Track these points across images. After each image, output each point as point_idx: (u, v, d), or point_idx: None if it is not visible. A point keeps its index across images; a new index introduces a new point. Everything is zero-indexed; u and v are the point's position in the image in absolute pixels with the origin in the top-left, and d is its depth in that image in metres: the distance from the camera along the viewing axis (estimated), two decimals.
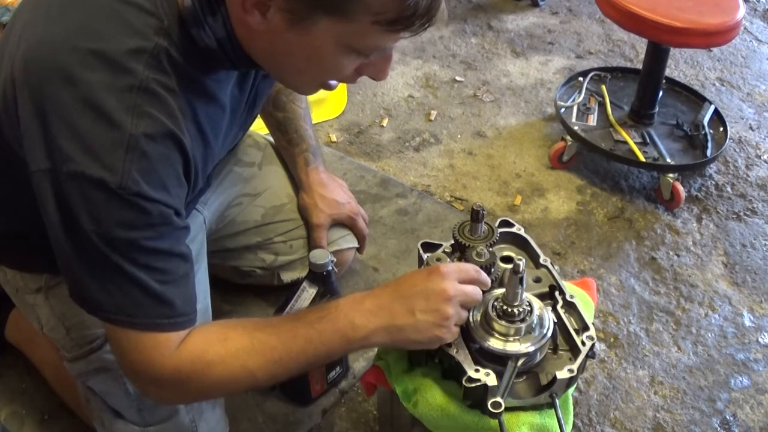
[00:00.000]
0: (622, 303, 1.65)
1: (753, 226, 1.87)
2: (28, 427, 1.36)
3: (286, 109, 1.40)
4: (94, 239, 0.81)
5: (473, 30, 2.65)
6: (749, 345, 1.57)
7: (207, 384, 0.92)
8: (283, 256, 1.46)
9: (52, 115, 0.80)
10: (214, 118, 0.94)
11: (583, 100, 2.07)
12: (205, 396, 1.05)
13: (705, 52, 2.55)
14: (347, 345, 0.94)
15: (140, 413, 1.14)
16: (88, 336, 1.13)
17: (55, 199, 0.82)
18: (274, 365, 0.92)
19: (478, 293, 0.97)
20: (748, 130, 2.20)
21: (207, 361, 0.90)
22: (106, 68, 0.79)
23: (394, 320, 0.92)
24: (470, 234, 1.08)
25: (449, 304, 0.92)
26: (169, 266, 0.87)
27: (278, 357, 0.92)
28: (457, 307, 0.94)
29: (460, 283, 0.95)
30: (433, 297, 0.92)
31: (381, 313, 0.93)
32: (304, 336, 0.92)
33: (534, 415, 0.99)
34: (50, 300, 1.14)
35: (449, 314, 0.92)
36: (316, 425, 1.36)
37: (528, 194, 1.94)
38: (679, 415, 1.43)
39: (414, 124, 2.18)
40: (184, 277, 0.90)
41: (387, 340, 0.94)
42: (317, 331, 0.92)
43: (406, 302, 0.93)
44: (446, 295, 0.92)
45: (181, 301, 0.89)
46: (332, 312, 0.93)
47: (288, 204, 1.46)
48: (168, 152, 0.84)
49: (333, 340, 0.93)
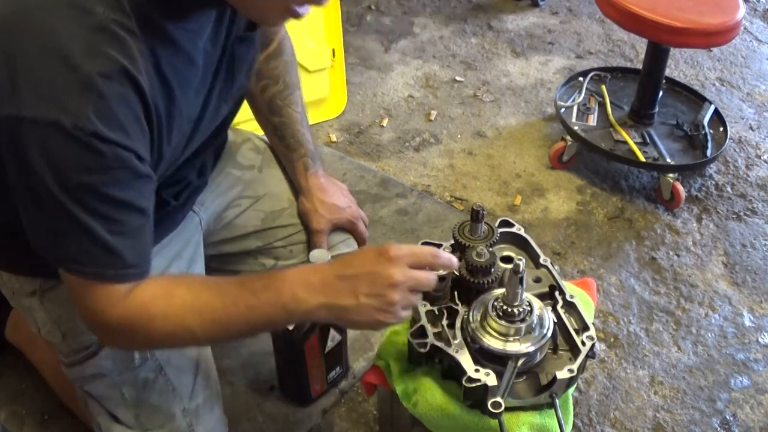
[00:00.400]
0: (622, 303, 1.65)
1: (753, 226, 1.87)
2: (28, 427, 1.36)
3: (282, 114, 1.40)
4: (49, 184, 0.81)
5: (473, 30, 2.65)
6: (749, 345, 1.57)
7: (150, 336, 0.93)
8: (283, 261, 1.45)
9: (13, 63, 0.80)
10: (182, 71, 0.93)
11: (583, 100, 2.07)
12: (152, 346, 1.04)
13: (705, 52, 2.55)
14: (288, 317, 0.93)
15: (137, 418, 1.14)
16: (84, 341, 1.12)
17: (13, 146, 0.82)
18: (214, 326, 0.92)
19: (431, 279, 0.94)
20: (748, 130, 2.20)
21: (151, 314, 0.90)
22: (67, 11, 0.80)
23: (337, 300, 0.91)
24: (470, 234, 1.08)
25: (395, 291, 0.90)
26: (122, 217, 0.87)
27: (219, 319, 0.92)
28: (405, 293, 0.91)
29: (412, 267, 0.92)
30: (378, 281, 0.90)
31: (325, 290, 0.91)
32: (246, 303, 0.91)
33: (534, 415, 0.99)
34: (45, 303, 1.14)
35: (394, 300, 0.90)
36: (316, 425, 1.36)
37: (528, 194, 1.94)
38: (679, 415, 1.43)
39: (414, 124, 2.18)
40: (138, 230, 0.89)
41: (329, 318, 0.93)
42: (260, 300, 0.91)
43: (352, 283, 0.91)
44: (392, 281, 0.90)
45: (131, 253, 0.89)
46: (277, 283, 0.92)
47: (288, 209, 1.45)
48: (125, 92, 0.82)
49: (275, 311, 0.92)
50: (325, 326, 1.27)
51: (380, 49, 2.51)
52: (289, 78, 1.38)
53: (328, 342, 1.31)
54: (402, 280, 0.91)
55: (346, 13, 2.65)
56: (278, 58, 1.35)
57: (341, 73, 2.17)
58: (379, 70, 2.41)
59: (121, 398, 1.13)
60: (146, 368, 1.14)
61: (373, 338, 1.51)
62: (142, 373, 1.14)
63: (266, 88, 1.37)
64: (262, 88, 1.37)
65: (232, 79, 1.10)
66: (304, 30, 2.00)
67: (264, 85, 1.37)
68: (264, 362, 1.45)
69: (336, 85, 2.18)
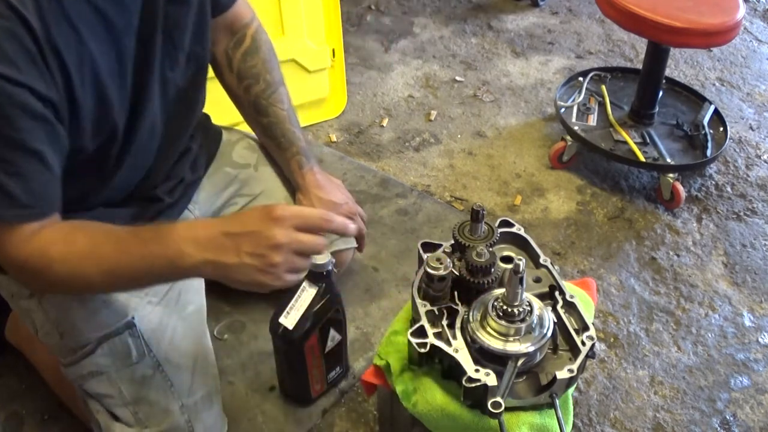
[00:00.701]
0: (622, 303, 1.65)
1: (753, 226, 1.87)
2: (28, 428, 1.36)
3: (268, 114, 1.39)
4: None
5: (473, 30, 2.65)
6: (749, 345, 1.57)
7: (50, 279, 0.94)
8: None
9: None
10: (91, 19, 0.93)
11: (583, 100, 2.07)
12: (53, 289, 1.04)
13: (705, 52, 2.55)
14: (174, 271, 0.92)
15: (136, 415, 1.14)
16: (81, 341, 1.13)
17: None
18: (108, 274, 0.93)
19: (317, 243, 0.93)
20: (748, 130, 2.20)
21: (50, 258, 0.91)
22: None
23: (220, 257, 0.90)
24: (470, 234, 1.08)
25: (278, 252, 0.89)
26: (13, 157, 0.87)
27: (112, 268, 0.92)
28: (289, 255, 0.90)
29: (300, 230, 0.91)
30: (261, 242, 0.89)
31: (210, 246, 0.90)
32: (137, 253, 0.92)
33: (534, 415, 0.99)
34: (44, 305, 1.14)
35: (275, 262, 0.89)
36: (316, 425, 1.36)
37: (528, 194, 1.94)
38: (679, 415, 1.43)
39: (414, 124, 2.18)
40: (34, 173, 0.89)
41: (213, 275, 0.92)
42: (149, 251, 0.91)
43: (236, 241, 0.90)
44: (275, 242, 0.89)
45: (25, 194, 0.89)
46: (165, 235, 0.92)
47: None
48: (12, 27, 0.83)
49: (162, 264, 0.92)
50: (325, 326, 1.27)
51: (380, 49, 2.51)
52: (270, 76, 1.37)
53: (328, 342, 1.31)
54: (285, 241, 0.89)
55: (346, 13, 2.65)
56: (255, 55, 1.35)
57: (341, 73, 2.17)
58: (379, 70, 2.41)
59: (119, 396, 1.14)
60: (144, 365, 1.15)
61: (373, 338, 1.51)
62: (140, 369, 1.15)
63: (249, 89, 1.37)
64: (245, 89, 1.37)
65: (172, 43, 1.08)
66: (304, 30, 2.00)
67: (246, 86, 1.37)
68: (264, 362, 1.45)
69: (336, 85, 2.18)
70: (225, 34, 1.33)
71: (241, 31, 1.33)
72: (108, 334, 1.14)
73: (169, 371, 1.16)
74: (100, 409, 1.15)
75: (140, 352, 1.15)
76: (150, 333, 1.16)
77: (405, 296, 1.60)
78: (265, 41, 1.37)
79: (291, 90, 1.43)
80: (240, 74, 1.36)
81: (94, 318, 1.14)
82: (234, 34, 1.33)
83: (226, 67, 1.35)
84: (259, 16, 1.49)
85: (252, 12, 1.36)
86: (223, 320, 1.53)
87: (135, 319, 1.15)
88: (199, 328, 1.26)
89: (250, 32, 1.34)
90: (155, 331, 1.17)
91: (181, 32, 1.10)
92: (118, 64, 0.99)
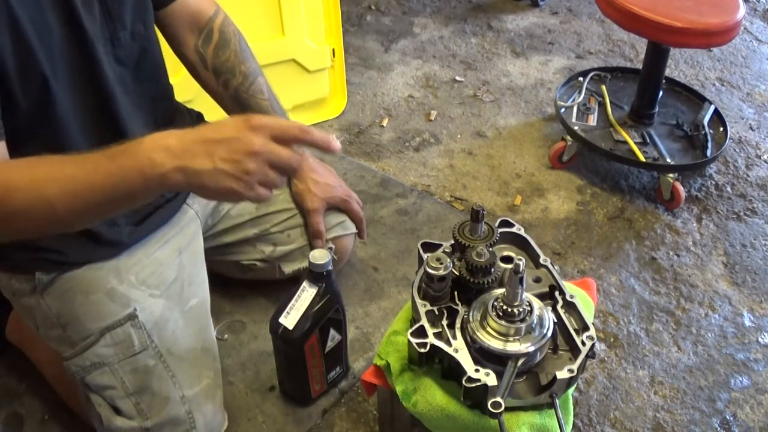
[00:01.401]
0: (622, 303, 1.65)
1: (753, 226, 1.87)
2: (28, 427, 1.36)
3: (251, 106, 1.38)
4: None
5: (473, 30, 2.65)
6: (749, 345, 1.57)
7: (10, 212, 0.89)
8: (282, 246, 1.46)
9: None
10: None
11: (583, 100, 2.07)
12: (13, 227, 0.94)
13: (705, 52, 2.55)
14: (145, 183, 0.88)
15: (137, 406, 1.14)
16: (84, 332, 1.14)
17: None
18: (74, 197, 0.88)
19: (293, 157, 0.90)
20: (748, 130, 2.20)
21: (10, 187, 0.88)
22: None
23: (193, 163, 0.86)
24: (470, 234, 1.08)
25: (252, 159, 0.87)
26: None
27: (78, 189, 0.88)
28: (263, 166, 0.87)
29: (277, 140, 0.89)
30: (236, 147, 0.87)
31: (182, 153, 0.87)
32: (104, 169, 0.88)
33: (534, 415, 0.99)
34: (46, 299, 1.15)
35: (249, 169, 0.86)
36: (316, 425, 1.36)
37: (528, 194, 1.94)
38: (679, 415, 1.43)
39: (414, 124, 2.18)
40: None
41: (184, 183, 0.88)
42: (117, 165, 0.88)
43: (209, 147, 0.87)
44: (250, 149, 0.86)
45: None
46: (134, 147, 0.88)
47: (281, 194, 1.47)
48: None
49: (131, 176, 0.87)
50: (325, 326, 1.27)
51: (380, 49, 2.51)
52: (245, 66, 1.37)
53: (328, 342, 1.31)
54: (260, 149, 0.87)
55: (346, 13, 2.65)
56: (226, 48, 1.35)
57: (341, 73, 2.17)
58: (379, 70, 2.41)
59: (121, 387, 1.14)
60: (146, 355, 1.15)
61: (373, 338, 1.52)
62: (142, 360, 1.15)
63: (227, 84, 1.37)
64: (223, 85, 1.37)
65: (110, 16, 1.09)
66: (304, 30, 2.00)
67: (224, 81, 1.36)
68: (264, 362, 1.45)
69: (336, 85, 2.18)
70: (191, 32, 1.32)
71: (207, 26, 1.33)
72: (110, 324, 1.14)
73: (171, 362, 1.17)
74: (102, 402, 1.16)
75: (142, 342, 1.15)
76: (152, 324, 1.17)
77: (405, 296, 1.60)
78: (234, 32, 1.36)
79: (291, 90, 1.43)
80: (216, 70, 1.36)
81: (96, 309, 1.14)
82: (201, 31, 1.33)
83: (200, 65, 1.35)
84: (259, 16, 1.51)
85: (215, 5, 1.35)
86: (223, 320, 1.53)
87: (137, 311, 1.16)
88: (202, 321, 1.26)
89: (217, 26, 1.34)
90: (157, 322, 1.18)
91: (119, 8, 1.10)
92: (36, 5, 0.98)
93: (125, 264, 1.20)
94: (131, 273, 1.20)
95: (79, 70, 1.05)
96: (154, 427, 1.14)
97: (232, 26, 1.36)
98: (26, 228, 0.93)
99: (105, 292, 1.16)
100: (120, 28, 1.11)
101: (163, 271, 1.23)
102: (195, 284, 1.28)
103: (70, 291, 1.15)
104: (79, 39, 1.04)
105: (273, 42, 1.96)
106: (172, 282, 1.23)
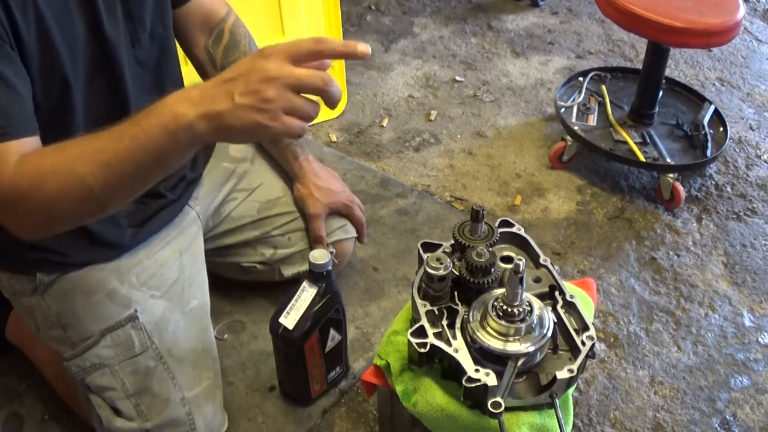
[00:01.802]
0: (622, 303, 1.65)
1: (753, 226, 1.87)
2: (28, 428, 1.36)
3: None
4: None
5: (473, 30, 2.65)
6: (749, 345, 1.57)
7: (46, 198, 0.87)
8: (282, 250, 1.47)
9: None
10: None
11: (583, 100, 2.07)
12: (53, 216, 0.92)
13: (705, 52, 2.55)
14: (172, 139, 0.85)
15: (137, 407, 1.15)
16: (84, 332, 1.14)
17: None
18: (105, 169, 0.86)
19: (315, 75, 0.83)
20: (748, 130, 2.20)
21: (41, 172, 0.86)
22: None
23: (213, 106, 0.83)
24: (470, 234, 1.08)
25: (270, 85, 0.82)
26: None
27: (107, 160, 0.86)
28: (283, 91, 0.82)
29: (293, 60, 0.83)
30: (252, 78, 0.82)
31: (203, 101, 0.84)
32: (130, 134, 0.86)
33: (534, 415, 0.99)
34: (47, 299, 1.15)
35: (269, 96, 0.81)
36: (316, 425, 1.36)
37: (528, 194, 1.94)
38: (679, 415, 1.43)
39: (414, 124, 2.18)
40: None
41: (209, 130, 0.85)
42: (142, 128, 0.86)
43: (227, 86, 0.84)
44: (266, 75, 0.82)
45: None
46: (157, 106, 0.86)
47: (283, 197, 1.47)
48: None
49: (157, 134, 0.85)
50: (325, 326, 1.27)
51: (380, 49, 2.51)
52: None
53: (328, 342, 1.31)
54: (276, 74, 0.82)
55: (346, 13, 2.65)
56: (236, 49, 1.35)
57: (341, 73, 2.17)
58: (379, 70, 2.41)
59: (122, 388, 1.14)
60: (146, 356, 1.16)
61: (373, 338, 1.52)
62: (142, 361, 1.15)
63: None
64: None
65: (131, 17, 1.09)
66: (304, 30, 2.00)
67: None
68: (264, 362, 1.45)
69: None
70: (202, 32, 1.32)
71: (218, 26, 1.33)
72: (111, 326, 1.15)
73: (171, 363, 1.17)
74: (102, 403, 1.16)
75: (143, 343, 1.15)
76: (153, 325, 1.17)
77: (405, 296, 1.60)
78: (244, 34, 1.36)
79: None
80: (224, 70, 1.36)
81: (97, 310, 1.15)
82: (212, 31, 1.33)
83: (209, 64, 1.35)
84: (259, 16, 1.51)
85: (227, 6, 1.35)
86: (223, 320, 1.53)
87: (138, 312, 1.16)
88: (202, 323, 1.27)
89: (228, 27, 1.34)
90: (158, 323, 1.18)
91: (140, 8, 1.10)
92: (63, 7, 0.98)
93: (126, 265, 1.20)
94: (132, 274, 1.20)
95: (99, 73, 1.05)
96: (154, 428, 1.14)
97: (243, 28, 1.37)
98: (65, 214, 0.91)
99: (106, 293, 1.16)
100: (141, 30, 1.11)
101: (164, 273, 1.23)
102: (195, 285, 1.28)
103: (71, 292, 1.15)
104: (101, 41, 1.04)
105: (273, 42, 1.95)
106: (173, 283, 1.23)
